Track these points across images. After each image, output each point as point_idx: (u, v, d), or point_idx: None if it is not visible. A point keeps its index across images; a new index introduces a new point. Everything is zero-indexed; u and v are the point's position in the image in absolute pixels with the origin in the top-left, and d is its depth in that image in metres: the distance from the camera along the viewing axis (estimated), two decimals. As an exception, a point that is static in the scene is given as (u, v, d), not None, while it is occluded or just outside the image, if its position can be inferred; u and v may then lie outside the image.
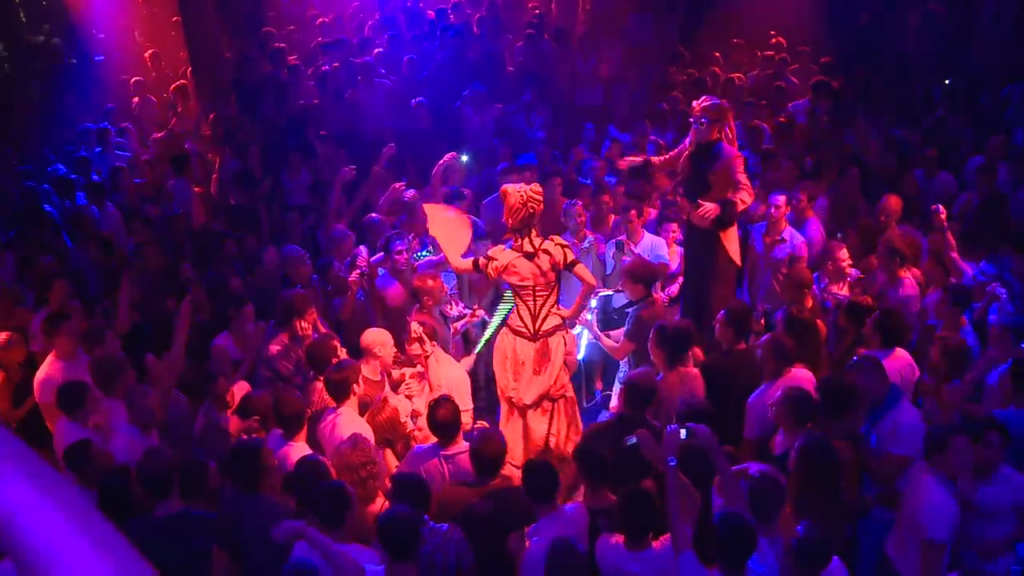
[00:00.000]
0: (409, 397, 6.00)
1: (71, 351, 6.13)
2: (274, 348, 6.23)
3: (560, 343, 6.18)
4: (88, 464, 4.76)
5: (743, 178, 6.71)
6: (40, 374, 6.07)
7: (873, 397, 5.08)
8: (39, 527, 1.02)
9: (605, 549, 4.25)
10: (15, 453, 1.06)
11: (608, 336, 6.54)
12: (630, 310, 6.47)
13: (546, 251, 6.00)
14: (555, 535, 4.10)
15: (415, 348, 5.94)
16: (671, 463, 4.15)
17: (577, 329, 6.59)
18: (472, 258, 6.32)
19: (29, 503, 1.03)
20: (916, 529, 4.41)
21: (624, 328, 6.50)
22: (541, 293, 6.05)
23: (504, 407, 6.33)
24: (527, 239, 5.98)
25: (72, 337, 6.15)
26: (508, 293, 6.36)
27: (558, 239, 6.25)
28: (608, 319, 6.99)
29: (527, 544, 4.34)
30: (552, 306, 6.13)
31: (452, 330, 6.72)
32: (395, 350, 6.10)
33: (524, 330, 6.11)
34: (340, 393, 5.43)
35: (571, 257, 6.11)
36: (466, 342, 7.10)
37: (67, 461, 4.79)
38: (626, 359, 6.49)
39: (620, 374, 6.58)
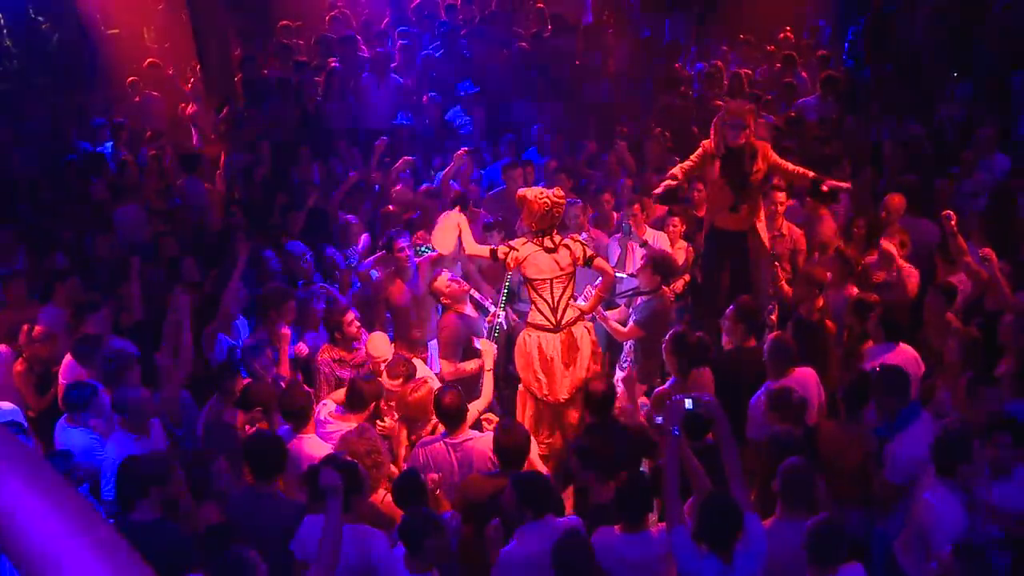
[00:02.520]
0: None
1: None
2: (247, 343, 6.27)
3: (585, 332, 6.23)
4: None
5: (783, 160, 6.89)
6: (68, 358, 6.14)
7: (889, 409, 5.01)
8: (38, 527, 1.03)
9: (603, 538, 4.26)
10: (15, 453, 1.07)
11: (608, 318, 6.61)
12: (640, 299, 6.51)
13: (566, 246, 6.10)
14: (538, 543, 4.11)
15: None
16: (673, 433, 4.16)
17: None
18: (490, 246, 6.37)
19: (29, 503, 1.04)
20: (925, 540, 4.36)
21: (629, 312, 6.59)
22: (559, 284, 6.09)
23: (520, 405, 6.33)
24: (548, 237, 6.07)
25: (98, 329, 6.24)
26: (507, 288, 6.42)
27: (577, 236, 6.37)
28: (609, 303, 7.03)
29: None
30: (570, 296, 6.17)
31: (487, 321, 6.77)
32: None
33: (546, 323, 6.13)
34: (357, 406, 5.54)
35: (590, 252, 6.20)
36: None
37: None
38: (630, 346, 6.55)
39: (623, 361, 6.60)
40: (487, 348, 5.93)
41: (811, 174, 6.88)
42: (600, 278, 6.34)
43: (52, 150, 10.89)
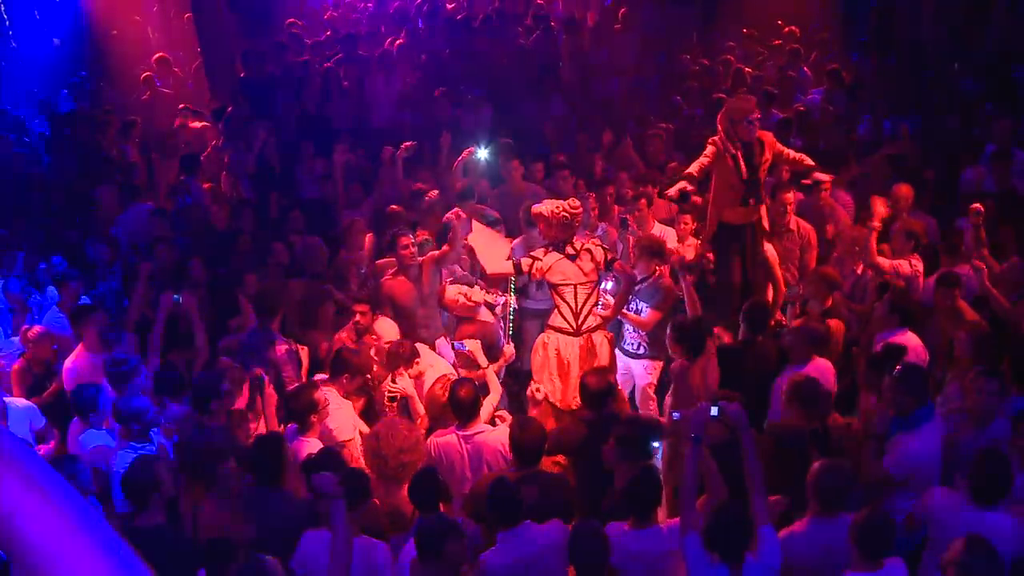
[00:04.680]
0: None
1: (98, 343, 6.18)
2: (281, 349, 6.20)
3: (604, 340, 6.23)
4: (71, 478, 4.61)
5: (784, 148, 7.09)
6: (68, 363, 6.14)
7: (905, 408, 4.86)
8: (38, 527, 1.02)
9: (612, 533, 4.20)
10: (15, 453, 1.06)
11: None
12: (641, 285, 6.61)
13: (588, 251, 6.14)
14: (517, 551, 4.11)
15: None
16: (695, 440, 4.13)
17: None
18: (512, 260, 6.42)
19: (29, 503, 1.03)
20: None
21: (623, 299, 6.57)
22: (583, 290, 6.14)
23: (532, 406, 6.28)
24: (569, 244, 6.14)
25: (99, 329, 6.21)
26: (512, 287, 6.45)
27: (598, 241, 6.43)
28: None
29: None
30: (594, 304, 6.20)
31: (499, 309, 6.79)
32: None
33: (566, 327, 6.16)
34: (336, 371, 5.60)
35: (610, 255, 6.26)
36: None
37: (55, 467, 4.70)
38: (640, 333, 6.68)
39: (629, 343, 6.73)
40: (474, 346, 5.91)
41: (809, 161, 7.09)
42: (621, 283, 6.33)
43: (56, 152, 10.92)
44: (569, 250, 6.12)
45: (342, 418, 5.50)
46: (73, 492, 1.09)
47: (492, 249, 6.68)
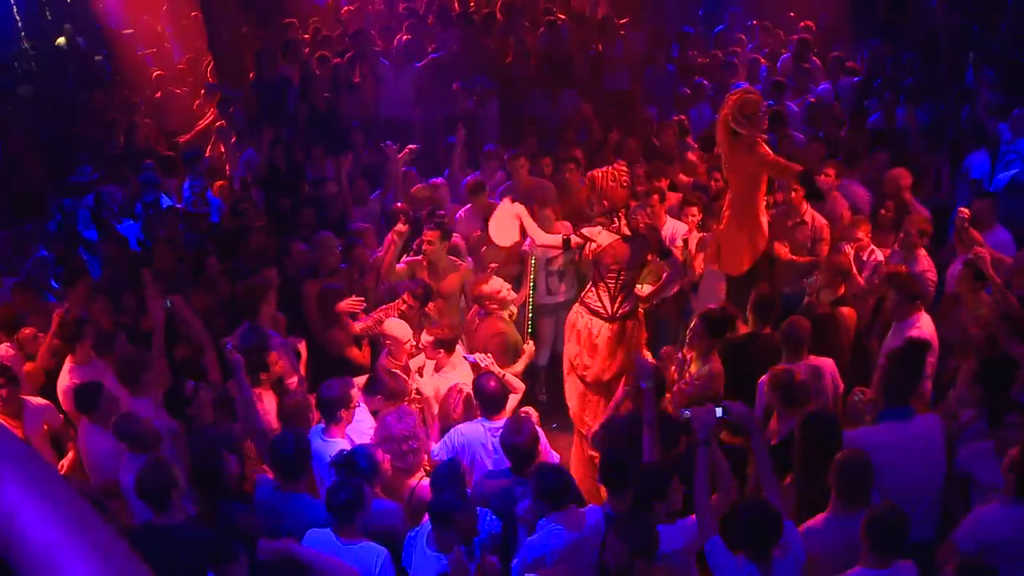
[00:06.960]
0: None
1: (87, 356, 6.17)
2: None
3: (637, 324, 6.20)
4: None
5: None
6: (61, 383, 6.11)
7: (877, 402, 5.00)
8: (38, 529, 1.03)
9: None
10: (15, 454, 1.07)
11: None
12: None
13: (643, 237, 6.07)
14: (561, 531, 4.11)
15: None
16: (704, 443, 4.11)
17: None
18: (561, 235, 6.41)
19: (29, 505, 1.04)
20: None
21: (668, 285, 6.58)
22: (625, 276, 6.06)
23: (569, 387, 6.31)
24: (622, 222, 6.03)
25: (87, 343, 6.18)
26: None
27: (655, 226, 6.45)
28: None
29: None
30: (632, 291, 6.14)
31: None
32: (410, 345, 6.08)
33: (601, 310, 6.11)
34: (371, 390, 5.56)
35: (666, 247, 6.24)
36: None
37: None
38: None
39: None
40: (484, 359, 5.84)
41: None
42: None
43: (69, 152, 10.98)
44: (624, 230, 6.03)
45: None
46: (74, 494, 1.10)
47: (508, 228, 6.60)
